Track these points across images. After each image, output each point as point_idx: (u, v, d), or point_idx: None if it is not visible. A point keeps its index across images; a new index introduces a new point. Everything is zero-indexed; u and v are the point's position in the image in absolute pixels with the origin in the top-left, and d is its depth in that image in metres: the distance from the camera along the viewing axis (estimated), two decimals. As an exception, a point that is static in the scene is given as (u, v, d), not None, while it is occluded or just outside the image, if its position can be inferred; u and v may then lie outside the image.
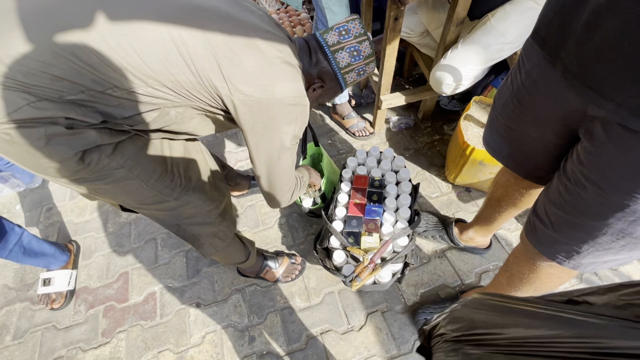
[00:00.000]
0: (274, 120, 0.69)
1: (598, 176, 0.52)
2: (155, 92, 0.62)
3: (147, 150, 0.71)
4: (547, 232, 0.65)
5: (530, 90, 0.62)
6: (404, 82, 1.91)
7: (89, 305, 1.34)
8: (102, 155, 0.63)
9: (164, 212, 0.82)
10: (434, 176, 1.53)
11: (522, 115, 0.66)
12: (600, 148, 0.50)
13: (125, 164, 0.67)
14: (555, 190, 0.62)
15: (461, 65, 1.22)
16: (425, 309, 1.14)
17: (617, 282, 0.33)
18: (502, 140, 0.77)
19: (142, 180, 0.71)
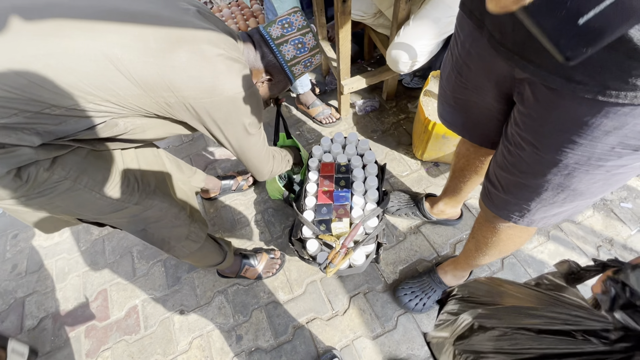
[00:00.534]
0: (231, 114, 0.70)
1: (532, 136, 0.54)
2: (97, 107, 0.59)
3: (92, 159, 0.69)
4: (499, 194, 0.67)
5: (466, 60, 0.63)
6: (366, 65, 1.91)
7: (68, 329, 1.30)
8: (39, 169, 0.60)
9: (127, 219, 0.80)
10: (403, 155, 1.55)
11: (464, 84, 0.68)
12: (530, 109, 0.52)
13: (68, 175, 0.64)
14: (500, 154, 0.64)
15: (414, 41, 1.22)
16: (404, 285, 1.17)
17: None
18: (453, 111, 0.79)
19: (92, 190, 0.69)
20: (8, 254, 1.53)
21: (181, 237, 0.92)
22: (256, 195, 1.53)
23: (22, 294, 1.41)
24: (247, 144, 0.80)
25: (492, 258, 0.90)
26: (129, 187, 0.76)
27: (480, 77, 0.62)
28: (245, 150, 0.82)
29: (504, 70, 0.55)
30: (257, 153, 0.86)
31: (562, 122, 0.49)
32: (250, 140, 0.80)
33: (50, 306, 1.36)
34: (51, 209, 0.69)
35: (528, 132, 0.54)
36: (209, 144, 1.76)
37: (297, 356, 1.14)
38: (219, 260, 1.13)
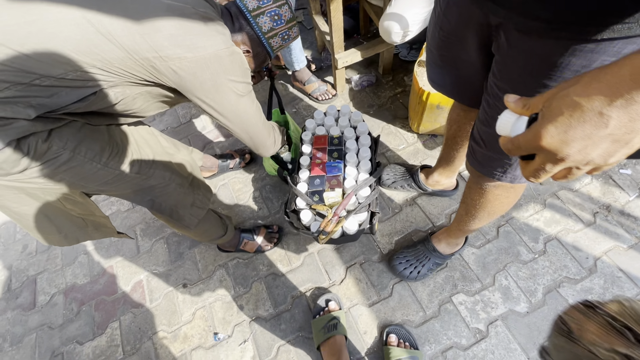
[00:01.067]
0: (218, 75, 0.70)
1: (507, 84, 0.54)
2: (85, 75, 0.60)
3: (87, 132, 0.70)
4: (482, 151, 0.68)
5: (446, 13, 0.62)
6: (362, 39, 1.87)
7: (79, 303, 1.37)
8: (37, 140, 0.62)
9: (132, 190, 0.82)
10: (399, 128, 1.54)
11: (447, 40, 0.67)
12: (505, 55, 0.52)
13: (66, 146, 0.66)
14: (482, 109, 0.64)
15: (406, 10, 1.20)
16: (399, 254, 1.19)
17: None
18: (441, 70, 0.78)
19: (92, 160, 0.70)
20: (18, 235, 1.59)
21: (187, 205, 0.95)
22: (254, 173, 1.55)
23: (33, 272, 1.47)
24: (241, 109, 0.78)
25: (482, 221, 0.91)
26: (127, 158, 0.77)
27: (460, 29, 0.61)
28: (242, 116, 0.80)
29: (480, 18, 0.54)
30: (255, 120, 0.84)
31: (534, 65, 0.49)
32: (243, 104, 0.78)
33: (61, 283, 1.42)
34: (56, 183, 0.70)
35: (504, 81, 0.54)
36: (206, 124, 1.77)
37: (296, 324, 1.18)
38: (221, 234, 1.16)
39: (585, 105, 0.27)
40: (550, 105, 0.30)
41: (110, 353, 1.24)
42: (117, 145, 0.76)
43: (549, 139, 0.29)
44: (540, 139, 0.30)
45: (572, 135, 0.28)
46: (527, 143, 0.31)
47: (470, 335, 1.08)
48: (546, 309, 1.09)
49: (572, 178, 0.33)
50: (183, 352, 1.19)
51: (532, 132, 0.31)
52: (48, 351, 1.28)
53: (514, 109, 0.34)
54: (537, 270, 1.15)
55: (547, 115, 0.30)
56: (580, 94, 0.28)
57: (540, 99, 0.31)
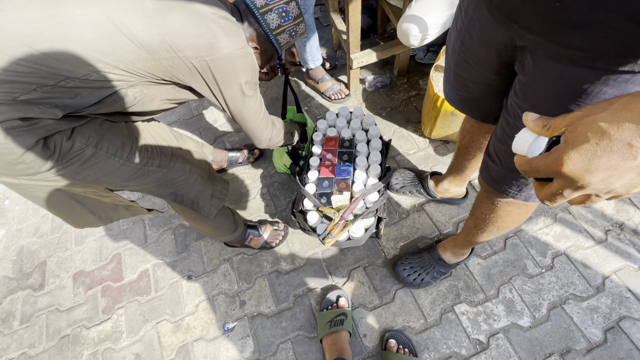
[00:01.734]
0: (229, 74, 0.73)
1: (530, 106, 0.52)
2: (107, 76, 0.62)
3: (108, 127, 0.72)
4: (497, 168, 0.66)
5: (468, 29, 0.61)
6: (378, 39, 1.85)
7: (87, 287, 1.40)
8: (62, 138, 0.64)
9: (154, 184, 0.84)
10: (411, 132, 1.53)
11: (465, 57, 0.65)
12: (530, 77, 0.51)
13: (88, 142, 0.67)
14: (500, 127, 0.63)
15: (426, 13, 1.17)
16: (404, 260, 1.18)
17: None
18: (455, 90, 0.77)
19: (114, 155, 0.72)
20: (32, 219, 1.63)
21: (207, 196, 0.97)
22: (262, 170, 1.56)
23: (44, 255, 1.51)
24: (243, 106, 0.82)
25: (490, 235, 0.90)
26: (148, 152, 0.79)
27: (481, 48, 0.60)
28: (243, 112, 0.83)
29: (504, 39, 0.52)
30: (255, 116, 0.87)
31: (561, 91, 0.47)
32: (247, 102, 0.81)
33: (70, 266, 1.46)
34: (81, 180, 0.71)
35: (527, 102, 0.53)
36: (218, 117, 1.78)
37: (297, 322, 1.19)
38: (233, 229, 1.19)
39: (613, 135, 0.26)
40: (575, 130, 0.28)
41: (115, 338, 1.27)
42: (137, 140, 0.78)
43: (571, 166, 0.28)
44: (562, 166, 0.28)
45: (596, 165, 0.27)
46: (547, 167, 0.30)
47: (471, 346, 1.08)
48: (550, 325, 1.07)
49: (590, 204, 0.31)
50: (185, 342, 1.22)
51: (553, 157, 0.29)
52: (56, 332, 1.32)
53: (533, 128, 0.33)
54: (543, 285, 1.13)
55: (570, 141, 0.28)
56: (610, 122, 0.26)
57: (563, 121, 0.30)
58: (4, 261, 1.53)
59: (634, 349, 1.01)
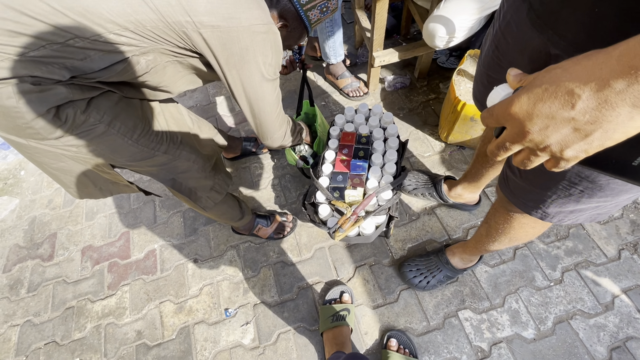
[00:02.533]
0: (247, 51, 0.68)
1: None
2: (118, 39, 0.61)
3: (124, 106, 0.72)
4: (517, 181, 0.65)
5: (504, 33, 0.60)
6: (401, 40, 1.84)
7: (94, 262, 1.42)
8: (76, 111, 0.63)
9: (157, 168, 0.84)
10: (427, 135, 1.52)
11: (499, 61, 0.64)
12: None
13: (102, 119, 0.67)
14: None
15: (455, 15, 1.16)
16: (411, 262, 1.18)
17: None
18: (486, 91, 0.76)
19: (125, 136, 0.72)
20: (46, 191, 1.66)
21: (206, 188, 0.96)
22: (275, 161, 1.56)
23: (55, 227, 1.54)
24: (261, 90, 0.75)
25: (501, 245, 0.89)
26: (157, 136, 0.79)
27: (515, 52, 0.59)
28: (260, 99, 0.77)
29: (538, 45, 0.51)
30: (271, 107, 0.82)
31: None
32: (265, 87, 0.76)
33: (79, 240, 1.48)
34: (87, 153, 0.72)
35: None
36: (235, 105, 1.78)
37: (299, 314, 1.19)
38: (239, 216, 1.18)
39: (562, 81, 0.26)
40: (537, 76, 0.29)
41: (118, 314, 1.29)
42: (149, 122, 0.77)
43: (517, 108, 0.28)
44: (511, 106, 0.29)
45: (538, 109, 0.27)
46: (500, 109, 0.31)
47: (472, 352, 1.07)
48: (554, 339, 1.06)
49: (530, 165, 0.32)
50: (187, 324, 1.23)
51: (507, 100, 0.30)
52: (61, 303, 1.34)
53: (512, 82, 0.33)
54: (551, 298, 1.12)
55: (527, 86, 0.29)
56: (565, 69, 0.26)
57: (537, 73, 0.30)
58: (16, 230, 1.56)
59: (640, 371, 0.99)
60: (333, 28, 1.46)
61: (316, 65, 1.84)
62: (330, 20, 1.44)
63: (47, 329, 1.30)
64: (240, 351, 1.16)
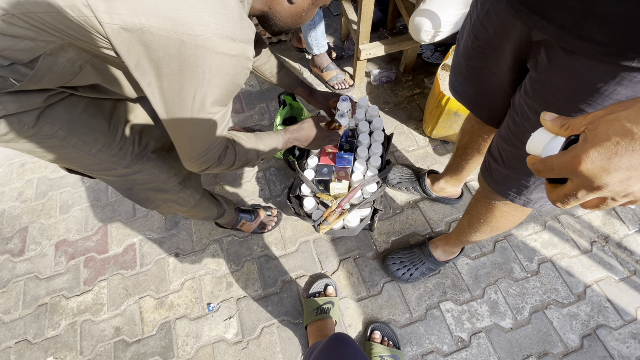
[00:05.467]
0: (187, 78, 0.50)
1: (540, 104, 0.52)
2: (16, 29, 0.48)
3: (88, 116, 0.65)
4: (499, 169, 0.67)
5: (483, 22, 0.60)
6: (387, 34, 1.84)
7: (69, 257, 1.36)
8: (23, 126, 0.57)
9: (114, 178, 0.79)
10: (412, 130, 1.53)
11: (480, 50, 0.65)
12: (543, 74, 0.50)
13: (56, 134, 0.61)
14: (505, 126, 0.63)
15: (441, 9, 1.17)
16: (394, 254, 1.19)
17: None
18: (465, 81, 0.77)
19: (81, 150, 0.66)
20: (16, 183, 1.58)
21: (168, 200, 0.90)
22: (260, 153, 1.53)
23: (26, 220, 1.46)
24: (187, 119, 0.56)
25: (483, 235, 0.91)
26: (122, 150, 0.72)
27: (498, 40, 0.59)
28: (180, 122, 0.57)
29: (521, 33, 0.52)
30: (201, 131, 0.61)
31: (574, 89, 0.47)
32: (195, 116, 0.57)
33: (53, 234, 1.42)
34: (42, 155, 0.66)
35: (536, 100, 0.53)
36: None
37: (283, 308, 1.18)
38: (214, 216, 1.12)
39: (637, 133, 0.25)
40: (596, 127, 0.27)
41: (95, 310, 1.24)
42: (116, 132, 0.70)
43: (589, 165, 0.26)
44: (579, 164, 0.27)
45: (616, 164, 0.26)
46: (563, 166, 0.29)
47: (452, 342, 1.10)
48: (530, 328, 1.10)
49: (605, 208, 0.30)
50: (167, 319, 1.20)
51: (569, 155, 0.28)
52: (33, 300, 1.28)
53: (551, 128, 0.31)
54: (528, 289, 1.16)
55: (590, 138, 0.27)
56: (634, 120, 0.26)
57: (583, 120, 0.29)
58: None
59: (608, 356, 1.04)
60: (314, 18, 1.44)
61: (301, 57, 1.81)
62: None
63: (18, 327, 1.24)
64: (223, 346, 1.14)
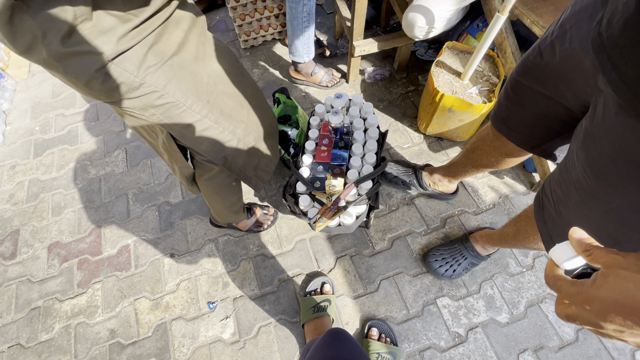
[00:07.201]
0: None
1: (586, 159, 0.49)
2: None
3: (177, 67, 0.66)
4: (550, 209, 0.63)
5: (555, 42, 0.56)
6: (381, 32, 1.84)
7: (62, 259, 1.34)
8: (130, 76, 0.59)
9: (210, 142, 0.79)
10: (407, 127, 1.53)
11: (537, 71, 0.61)
12: (594, 125, 0.47)
13: (157, 86, 0.63)
14: (558, 169, 0.61)
15: (434, 5, 1.17)
16: (435, 251, 1.19)
17: None
18: (509, 98, 0.72)
19: (178, 102, 0.68)
20: (7, 185, 1.55)
21: (252, 166, 0.92)
22: (255, 152, 1.53)
23: (17, 223, 1.44)
24: None
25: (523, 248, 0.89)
26: (208, 103, 0.73)
27: (561, 68, 0.55)
28: None
29: (588, 71, 0.49)
30: None
31: (616, 151, 0.43)
32: None
33: (45, 237, 1.40)
34: (150, 117, 0.68)
35: (583, 150, 0.50)
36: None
37: (280, 306, 1.18)
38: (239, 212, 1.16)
39: (636, 302, 0.26)
40: (607, 275, 0.28)
41: (89, 313, 1.23)
42: (202, 87, 0.72)
43: (588, 308, 0.28)
44: (582, 303, 0.29)
45: (612, 318, 0.27)
46: (568, 295, 0.30)
47: (450, 338, 1.10)
48: (526, 322, 1.11)
49: (603, 336, 0.31)
50: (163, 320, 1.19)
51: (576, 290, 0.30)
52: (26, 303, 1.26)
53: (575, 247, 0.32)
54: (523, 283, 1.17)
55: (597, 285, 0.28)
56: (638, 287, 0.27)
57: (604, 256, 0.29)
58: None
59: (602, 349, 1.05)
60: (309, 22, 1.41)
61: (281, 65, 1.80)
62: (308, 14, 1.37)
63: (10, 332, 1.22)
64: (220, 346, 1.13)
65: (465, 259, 1.14)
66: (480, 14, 1.39)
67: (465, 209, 1.31)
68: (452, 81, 1.26)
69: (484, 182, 1.37)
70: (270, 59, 1.84)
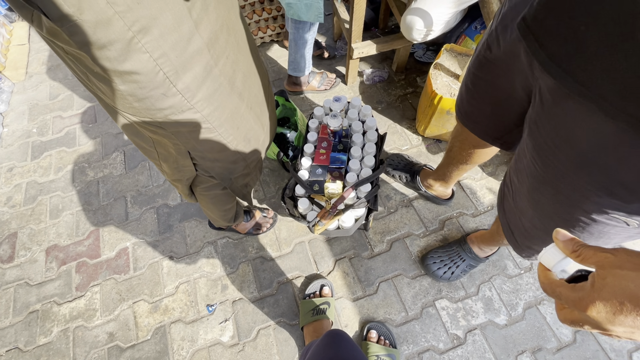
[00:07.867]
0: None
1: (534, 147, 0.51)
2: None
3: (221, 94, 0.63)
4: (509, 199, 0.66)
5: (499, 35, 0.57)
6: (379, 34, 1.84)
7: (60, 262, 1.34)
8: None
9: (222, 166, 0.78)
10: (405, 129, 1.53)
11: (488, 63, 0.63)
12: (536, 112, 0.50)
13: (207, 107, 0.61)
14: (514, 158, 0.62)
15: (432, 8, 1.17)
16: (432, 254, 1.19)
17: None
18: (466, 95, 0.74)
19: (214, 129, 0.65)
20: (4, 188, 1.54)
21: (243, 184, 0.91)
22: (254, 154, 1.53)
23: (15, 226, 1.43)
24: None
25: None
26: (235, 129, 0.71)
27: (505, 59, 0.57)
28: None
29: (525, 64, 0.50)
30: None
31: (566, 132, 0.45)
32: None
33: (43, 240, 1.39)
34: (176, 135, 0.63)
35: (531, 140, 0.52)
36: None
37: (279, 309, 1.18)
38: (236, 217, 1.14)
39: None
40: (604, 278, 0.28)
41: (88, 316, 1.22)
42: (238, 116, 0.70)
43: (594, 313, 0.28)
44: (586, 309, 0.28)
45: (620, 320, 0.27)
46: (570, 302, 0.30)
47: (448, 340, 1.10)
48: (524, 324, 1.11)
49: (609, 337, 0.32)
50: (162, 324, 1.19)
51: (578, 296, 0.29)
52: (24, 307, 1.26)
53: (563, 249, 0.32)
54: (521, 285, 1.17)
55: (597, 288, 0.28)
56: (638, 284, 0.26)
57: (594, 256, 0.29)
58: (-30, 230, 1.45)
59: (600, 350, 1.06)
60: (312, 40, 1.40)
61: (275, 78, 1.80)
62: (313, 34, 1.37)
63: (8, 335, 1.21)
64: (219, 349, 1.13)
65: (463, 261, 1.15)
66: (478, 16, 1.40)
67: (464, 211, 1.32)
68: (451, 83, 1.27)
69: (482, 184, 1.37)
70: (269, 60, 1.84)
